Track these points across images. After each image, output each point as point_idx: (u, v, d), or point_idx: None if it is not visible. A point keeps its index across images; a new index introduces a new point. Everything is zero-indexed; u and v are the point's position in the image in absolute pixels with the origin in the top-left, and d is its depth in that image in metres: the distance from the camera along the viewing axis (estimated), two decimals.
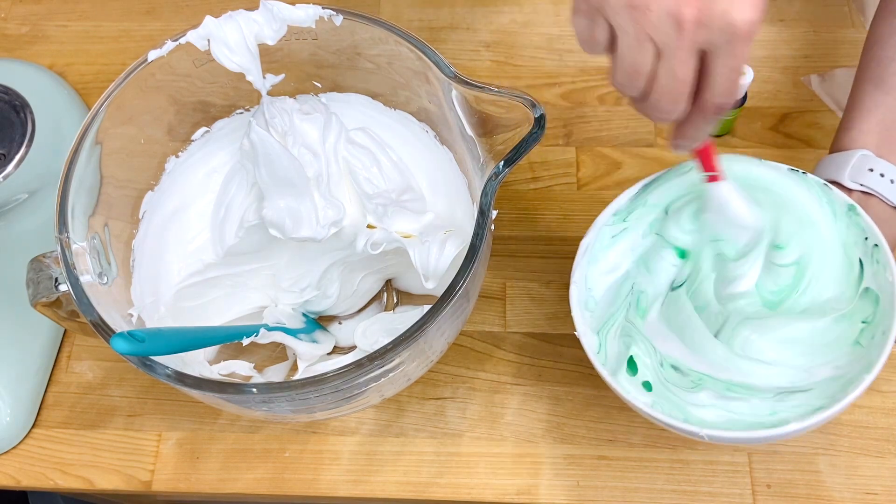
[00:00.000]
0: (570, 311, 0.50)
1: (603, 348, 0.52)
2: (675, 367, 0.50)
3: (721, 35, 0.37)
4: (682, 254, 0.54)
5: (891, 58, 0.56)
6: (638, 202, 0.54)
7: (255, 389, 0.44)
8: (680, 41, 0.38)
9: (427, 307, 0.46)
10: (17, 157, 0.65)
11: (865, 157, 0.53)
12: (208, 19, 0.51)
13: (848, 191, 0.53)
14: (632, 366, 0.51)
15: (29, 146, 0.66)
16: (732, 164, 0.52)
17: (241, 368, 0.55)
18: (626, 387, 0.50)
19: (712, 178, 0.50)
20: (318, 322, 0.59)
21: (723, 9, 0.37)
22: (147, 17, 0.79)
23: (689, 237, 0.53)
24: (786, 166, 0.52)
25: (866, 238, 0.49)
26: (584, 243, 0.53)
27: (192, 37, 0.52)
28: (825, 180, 0.52)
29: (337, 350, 0.59)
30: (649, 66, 0.39)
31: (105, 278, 0.49)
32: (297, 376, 0.56)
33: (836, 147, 0.56)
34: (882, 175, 0.53)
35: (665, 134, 0.69)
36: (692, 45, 0.38)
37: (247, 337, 0.53)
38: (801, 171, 0.51)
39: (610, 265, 0.55)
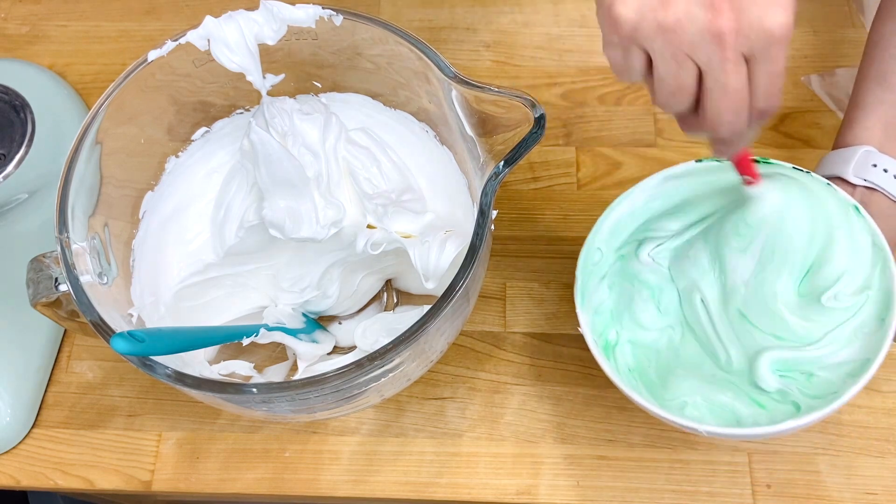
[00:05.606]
0: (570, 311, 0.51)
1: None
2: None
3: (759, 42, 0.38)
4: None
5: (893, 55, 0.56)
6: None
7: (255, 389, 0.44)
8: (724, 53, 0.38)
9: (427, 307, 0.46)
10: (17, 157, 0.65)
11: (869, 153, 0.53)
12: (208, 19, 0.51)
13: (852, 186, 0.53)
14: None
15: (29, 146, 0.66)
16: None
17: (241, 368, 0.55)
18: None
19: (750, 182, 0.49)
20: (318, 322, 0.59)
21: (757, 15, 0.37)
22: (147, 17, 0.79)
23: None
24: (789, 165, 0.51)
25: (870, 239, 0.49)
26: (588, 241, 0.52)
27: (192, 37, 0.52)
28: (829, 176, 0.52)
29: (337, 350, 0.59)
30: (693, 83, 0.39)
31: (105, 278, 0.49)
32: (297, 376, 0.56)
33: (839, 143, 0.56)
34: (885, 171, 0.53)
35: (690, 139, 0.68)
36: (737, 54, 0.38)
37: (247, 337, 0.53)
38: (804, 170, 0.51)
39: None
